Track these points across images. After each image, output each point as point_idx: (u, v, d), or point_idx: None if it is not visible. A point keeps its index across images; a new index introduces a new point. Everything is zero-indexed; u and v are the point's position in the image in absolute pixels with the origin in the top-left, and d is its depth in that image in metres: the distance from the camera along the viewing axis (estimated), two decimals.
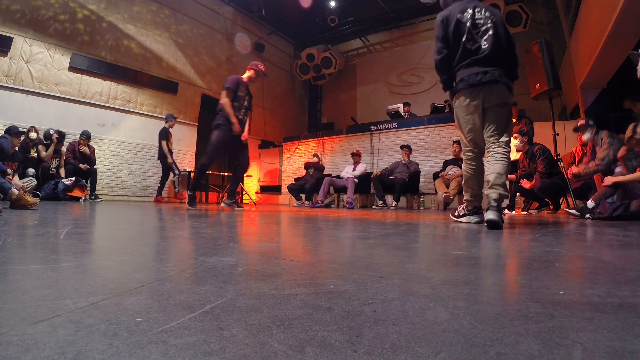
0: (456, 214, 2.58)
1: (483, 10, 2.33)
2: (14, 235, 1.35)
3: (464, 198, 2.54)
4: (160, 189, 6.44)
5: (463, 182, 2.54)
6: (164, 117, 6.75)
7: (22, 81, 5.40)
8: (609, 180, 3.14)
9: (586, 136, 3.91)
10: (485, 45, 2.26)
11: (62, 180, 4.98)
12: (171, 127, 6.53)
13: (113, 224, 2.17)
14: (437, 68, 2.45)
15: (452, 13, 2.36)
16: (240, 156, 4.06)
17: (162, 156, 6.39)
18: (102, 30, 6.37)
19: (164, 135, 6.38)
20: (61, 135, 5.31)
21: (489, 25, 2.28)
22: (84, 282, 0.69)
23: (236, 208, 4.16)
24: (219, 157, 3.98)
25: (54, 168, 5.31)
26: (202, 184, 7.80)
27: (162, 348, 0.39)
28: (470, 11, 2.31)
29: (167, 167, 6.42)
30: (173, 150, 6.57)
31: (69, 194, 4.92)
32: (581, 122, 3.97)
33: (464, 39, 2.29)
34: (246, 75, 4.05)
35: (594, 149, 3.88)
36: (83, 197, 5.13)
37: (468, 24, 2.29)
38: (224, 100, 3.80)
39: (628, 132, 3.13)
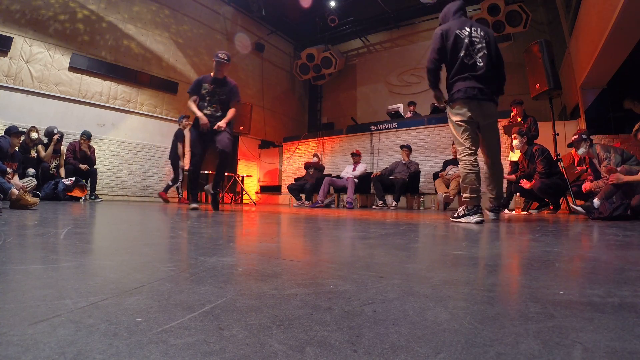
0: (455, 215, 2.60)
1: (479, 30, 2.59)
2: (14, 235, 1.35)
3: (463, 197, 2.57)
4: (168, 187, 6.40)
5: (461, 180, 2.63)
6: (177, 119, 6.66)
7: (22, 81, 5.40)
8: (620, 178, 3.10)
9: (581, 151, 3.83)
10: (480, 63, 2.52)
11: (62, 180, 4.97)
12: (185, 127, 6.31)
13: (113, 224, 2.17)
14: (429, 73, 2.70)
15: (451, 28, 2.58)
16: (218, 140, 3.70)
17: (175, 158, 6.30)
18: (102, 30, 6.37)
19: (181, 137, 6.27)
20: (61, 136, 5.30)
21: (483, 44, 2.55)
22: (84, 282, 0.69)
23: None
24: (200, 158, 3.77)
25: (54, 168, 5.30)
26: (201, 184, 7.81)
27: (162, 348, 0.39)
28: (467, 29, 2.56)
29: (178, 168, 6.36)
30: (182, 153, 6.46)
31: (69, 194, 4.92)
32: (574, 137, 3.89)
33: (462, 53, 2.53)
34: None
35: (591, 161, 3.85)
36: (83, 197, 5.13)
37: (466, 41, 2.53)
38: (188, 102, 3.86)
39: (636, 127, 3.25)
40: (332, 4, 8.61)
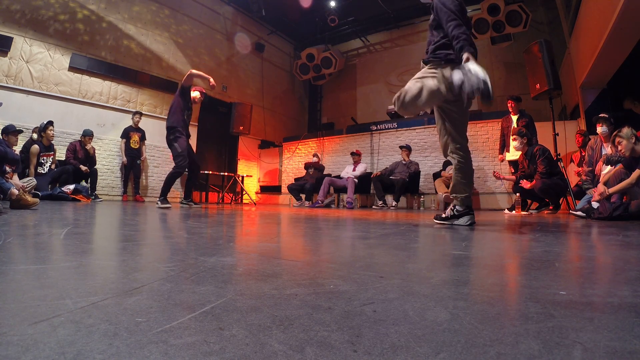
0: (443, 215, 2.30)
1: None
2: (14, 235, 1.35)
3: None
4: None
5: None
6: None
7: (22, 81, 5.39)
8: (603, 193, 3.11)
9: (602, 129, 4.00)
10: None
11: (62, 188, 4.89)
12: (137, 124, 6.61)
13: (113, 224, 2.17)
14: None
15: None
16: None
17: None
18: (102, 30, 6.36)
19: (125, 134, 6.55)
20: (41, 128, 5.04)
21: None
22: (84, 282, 0.69)
23: (193, 206, 4.39)
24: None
25: (47, 167, 5.07)
26: (201, 184, 7.82)
27: (162, 348, 0.39)
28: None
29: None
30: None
31: (73, 196, 4.90)
32: (603, 115, 4.08)
33: None
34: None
35: (601, 148, 3.92)
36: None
37: None
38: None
39: (616, 132, 3.30)
40: (332, 4, 8.60)
